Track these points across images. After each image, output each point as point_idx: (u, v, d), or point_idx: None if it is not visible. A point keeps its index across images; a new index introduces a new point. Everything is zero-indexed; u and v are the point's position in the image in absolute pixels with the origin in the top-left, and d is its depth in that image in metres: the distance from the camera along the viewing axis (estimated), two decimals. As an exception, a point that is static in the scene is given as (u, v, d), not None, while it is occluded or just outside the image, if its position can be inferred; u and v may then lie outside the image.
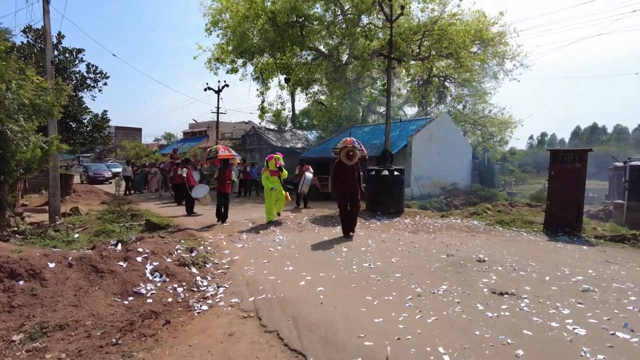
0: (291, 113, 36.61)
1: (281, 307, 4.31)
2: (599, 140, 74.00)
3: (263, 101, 24.42)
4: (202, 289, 4.99)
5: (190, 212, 11.52)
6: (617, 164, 13.82)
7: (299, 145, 28.24)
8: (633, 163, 10.76)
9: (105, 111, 17.62)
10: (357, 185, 8.42)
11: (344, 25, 22.05)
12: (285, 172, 10.15)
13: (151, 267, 5.07)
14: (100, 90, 17.03)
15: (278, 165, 9.92)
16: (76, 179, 21.62)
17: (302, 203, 13.24)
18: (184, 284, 4.99)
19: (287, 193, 10.47)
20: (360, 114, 29.57)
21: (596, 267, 5.91)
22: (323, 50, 24.44)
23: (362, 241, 7.78)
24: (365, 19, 22.52)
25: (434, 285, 4.93)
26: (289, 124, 37.39)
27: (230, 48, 23.35)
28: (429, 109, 29.24)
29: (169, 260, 5.55)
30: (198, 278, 5.27)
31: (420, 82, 25.53)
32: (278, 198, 10.05)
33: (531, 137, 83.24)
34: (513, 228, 9.36)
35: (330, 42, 24.10)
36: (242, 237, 8.19)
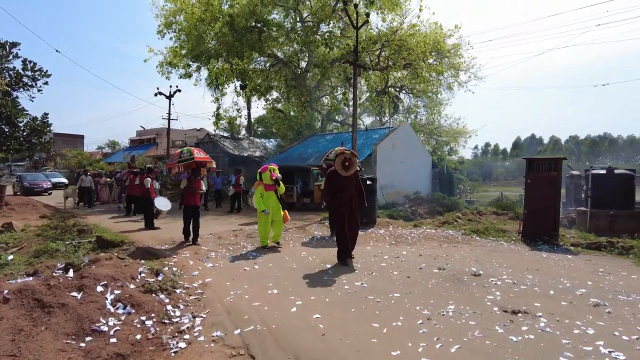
0: (247, 121, 35.63)
1: (276, 341, 3.66)
2: (536, 150, 79.04)
3: (218, 108, 23.40)
4: (175, 320, 4.21)
5: (150, 226, 10.42)
6: (574, 172, 14.34)
7: (257, 154, 27.40)
8: (594, 172, 11.08)
9: (46, 114, 15.58)
10: (356, 201, 6.75)
11: (303, 33, 21.70)
12: (282, 187, 8.24)
13: (112, 296, 4.21)
14: (40, 91, 15.08)
15: (274, 178, 7.98)
16: (9, 190, 19.34)
17: None
18: (153, 315, 4.19)
19: (286, 211, 8.30)
20: (320, 123, 29.27)
21: (591, 277, 5.76)
22: (281, 57, 23.91)
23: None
24: (324, 27, 22.35)
25: (440, 306, 4.48)
26: (243, 132, 36.36)
27: (184, 52, 22.25)
28: (385, 119, 29.47)
29: (132, 286, 4.69)
30: (169, 307, 4.47)
31: (376, 93, 25.66)
32: (274, 219, 8.08)
33: (476, 147, 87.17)
34: (490, 237, 9.25)
35: (289, 49, 23.61)
36: (211, 255, 7.35)
